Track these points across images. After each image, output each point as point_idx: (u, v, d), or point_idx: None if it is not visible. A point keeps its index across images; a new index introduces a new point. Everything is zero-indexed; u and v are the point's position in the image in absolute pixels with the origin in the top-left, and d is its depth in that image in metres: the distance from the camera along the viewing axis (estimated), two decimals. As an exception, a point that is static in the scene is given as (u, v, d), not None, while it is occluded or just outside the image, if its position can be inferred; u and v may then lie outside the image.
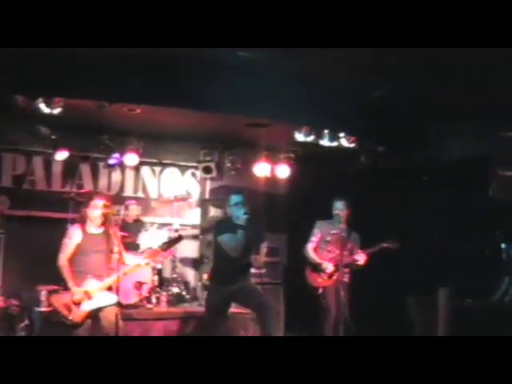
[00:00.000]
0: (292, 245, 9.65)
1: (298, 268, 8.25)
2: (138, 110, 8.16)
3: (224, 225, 6.94)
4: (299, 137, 8.04)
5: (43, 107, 6.70)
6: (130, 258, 6.70)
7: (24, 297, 8.22)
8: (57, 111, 6.77)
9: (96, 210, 6.40)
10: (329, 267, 7.78)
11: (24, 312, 8.16)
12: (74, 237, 6.43)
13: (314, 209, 8.48)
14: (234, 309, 7.70)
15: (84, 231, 6.45)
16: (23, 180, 9.33)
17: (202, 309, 7.98)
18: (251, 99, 7.53)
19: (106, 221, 6.42)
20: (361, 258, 7.83)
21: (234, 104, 7.55)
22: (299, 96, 7.65)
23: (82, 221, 6.51)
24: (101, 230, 6.48)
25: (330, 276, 7.76)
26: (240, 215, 6.66)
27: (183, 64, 7.07)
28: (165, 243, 6.98)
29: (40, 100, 6.63)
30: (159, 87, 7.16)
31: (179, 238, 7.11)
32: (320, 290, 7.83)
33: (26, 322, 8.05)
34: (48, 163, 9.42)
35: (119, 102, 7.16)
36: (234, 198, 6.89)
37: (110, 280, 6.25)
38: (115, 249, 6.27)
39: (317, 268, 7.87)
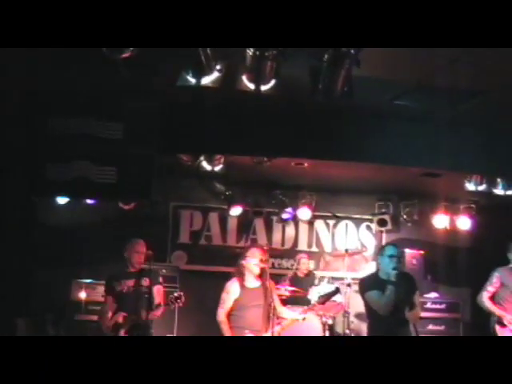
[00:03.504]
0: (475, 300, 9.03)
1: (482, 325, 7.67)
2: (306, 164, 8.19)
3: (371, 280, 6.35)
4: (470, 186, 7.58)
5: (205, 165, 6.90)
6: (287, 312, 6.59)
7: (195, 350, 8.43)
8: (218, 168, 6.95)
9: (252, 261, 6.39)
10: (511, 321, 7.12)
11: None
12: (232, 291, 6.44)
13: (498, 262, 7.88)
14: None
15: (242, 285, 6.45)
16: (200, 236, 9.72)
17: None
18: (419, 149, 7.22)
19: (262, 274, 6.37)
20: None
21: (404, 155, 7.26)
22: (470, 143, 7.22)
23: (240, 274, 6.51)
24: (258, 284, 6.44)
25: None
26: (390, 270, 6.15)
27: (343, 116, 6.94)
28: (321, 296, 6.81)
29: (201, 158, 6.83)
30: (320, 141, 7.07)
31: (336, 291, 6.88)
32: None
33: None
34: (223, 219, 9.74)
35: (278, 156, 7.15)
36: (389, 250, 6.24)
37: (267, 336, 6.16)
38: (272, 303, 6.22)
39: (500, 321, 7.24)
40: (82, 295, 8.42)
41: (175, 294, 6.24)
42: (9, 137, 5.95)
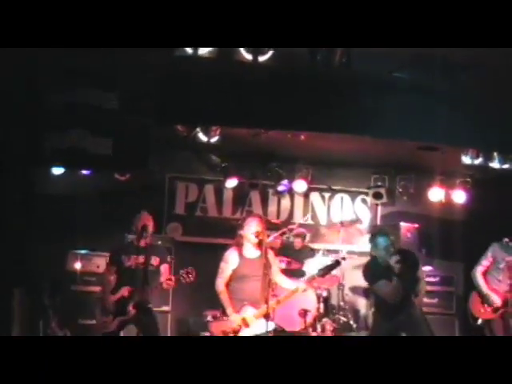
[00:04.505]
0: (468, 274, 9.07)
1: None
2: (302, 137, 8.15)
3: (376, 270, 6.42)
4: (466, 160, 7.57)
5: (201, 136, 6.87)
6: (287, 282, 6.59)
7: (191, 322, 8.50)
8: (214, 140, 6.92)
9: (250, 230, 6.37)
10: (495, 301, 7.16)
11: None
12: (230, 261, 6.42)
13: (493, 237, 7.89)
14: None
15: (241, 255, 6.42)
16: (195, 207, 9.72)
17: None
18: (416, 123, 7.17)
19: (261, 244, 6.33)
20: None
21: (401, 128, 7.21)
22: (466, 117, 7.18)
23: (239, 244, 6.49)
24: (257, 254, 6.39)
25: (495, 310, 7.14)
26: (392, 263, 6.15)
27: (340, 88, 6.88)
28: (322, 269, 6.75)
29: (198, 129, 6.80)
30: (317, 113, 7.00)
31: (337, 264, 6.83)
32: (479, 321, 7.33)
33: (193, 346, 8.32)
34: (219, 191, 9.74)
35: (275, 128, 7.09)
36: (382, 241, 6.35)
37: (265, 307, 6.14)
38: (272, 274, 6.22)
39: (483, 298, 7.28)
40: (78, 266, 8.44)
41: (186, 269, 6.20)
42: (5, 107, 5.90)
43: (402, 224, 9.50)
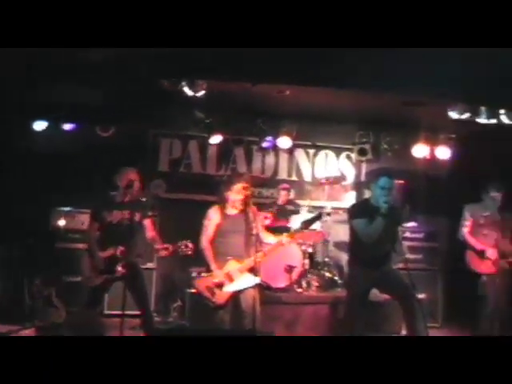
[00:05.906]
0: (453, 229, 9.13)
1: (459, 254, 7.76)
2: (288, 92, 8.08)
3: (360, 208, 6.48)
4: (453, 115, 7.53)
5: (187, 90, 6.77)
6: (270, 238, 6.58)
7: (176, 278, 8.50)
8: (200, 94, 6.82)
9: (237, 193, 6.33)
10: (492, 254, 7.24)
11: (177, 292, 8.46)
12: (213, 218, 6.42)
13: (477, 192, 7.93)
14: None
15: (223, 212, 6.42)
16: (179, 164, 9.66)
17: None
18: (404, 77, 7.09)
19: (244, 202, 6.33)
20: None
21: (387, 82, 7.13)
22: (454, 71, 7.11)
23: (222, 202, 6.47)
24: (240, 210, 6.40)
25: (495, 263, 7.22)
26: (381, 202, 6.14)
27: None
28: (304, 222, 6.79)
29: (183, 83, 6.69)
30: (303, 67, 6.89)
31: (318, 217, 6.90)
32: (484, 278, 7.32)
33: (179, 302, 8.35)
34: (203, 147, 9.67)
35: (262, 83, 6.98)
36: (383, 181, 6.31)
37: (249, 261, 6.17)
38: (254, 229, 6.21)
39: (480, 254, 7.35)
40: (62, 223, 8.39)
41: (186, 242, 6.12)
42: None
43: (386, 180, 9.50)
